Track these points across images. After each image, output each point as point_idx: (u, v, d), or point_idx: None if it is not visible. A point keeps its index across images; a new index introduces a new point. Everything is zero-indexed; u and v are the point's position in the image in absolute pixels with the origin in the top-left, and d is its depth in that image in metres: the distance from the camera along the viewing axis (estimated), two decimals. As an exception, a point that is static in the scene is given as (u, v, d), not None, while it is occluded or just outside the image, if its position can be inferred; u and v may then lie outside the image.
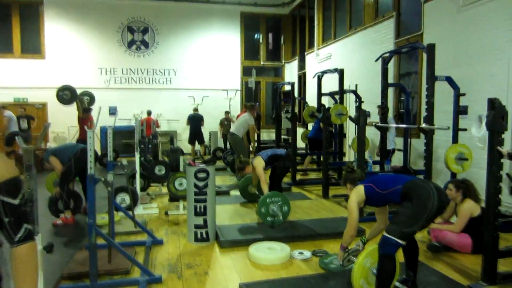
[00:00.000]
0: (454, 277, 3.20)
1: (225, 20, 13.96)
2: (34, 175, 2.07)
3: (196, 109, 11.97)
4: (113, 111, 12.69)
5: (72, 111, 10.49)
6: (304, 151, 10.63)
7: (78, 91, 12.51)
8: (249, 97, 14.21)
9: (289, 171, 5.32)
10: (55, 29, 12.61)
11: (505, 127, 3.01)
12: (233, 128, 8.10)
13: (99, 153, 11.38)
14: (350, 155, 9.23)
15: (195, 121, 11.41)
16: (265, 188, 5.11)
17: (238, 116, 9.85)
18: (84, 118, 9.13)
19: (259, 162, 5.26)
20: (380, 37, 8.19)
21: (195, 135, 11.40)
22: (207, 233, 4.13)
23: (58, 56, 12.66)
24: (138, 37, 13.41)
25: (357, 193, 2.88)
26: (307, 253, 3.73)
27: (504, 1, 5.16)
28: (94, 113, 9.32)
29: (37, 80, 12.42)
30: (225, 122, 11.88)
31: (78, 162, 4.90)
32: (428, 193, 2.49)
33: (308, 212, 5.37)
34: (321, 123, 7.65)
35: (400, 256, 2.81)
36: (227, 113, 12.32)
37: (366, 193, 2.83)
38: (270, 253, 3.63)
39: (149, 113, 11.90)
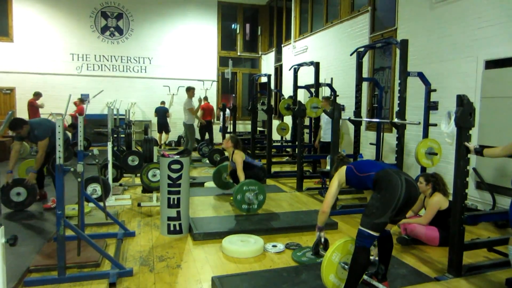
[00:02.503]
0: (422, 269, 3.29)
1: (202, 9, 13.76)
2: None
3: (163, 102, 12.80)
4: (85, 99, 12.35)
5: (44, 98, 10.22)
6: (279, 143, 10.70)
7: (48, 77, 12.17)
8: (226, 88, 14.15)
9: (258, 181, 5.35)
10: (24, 11, 12.09)
11: (473, 124, 3.10)
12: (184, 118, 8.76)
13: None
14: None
15: (161, 113, 12.47)
16: (241, 176, 5.16)
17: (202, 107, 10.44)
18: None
19: (241, 155, 5.36)
20: (356, 31, 8.27)
21: (162, 125, 12.46)
22: (180, 225, 4.09)
23: (27, 40, 12.17)
24: (112, 23, 13.04)
25: (340, 172, 3.00)
26: (281, 246, 3.75)
27: (474, 0, 5.30)
28: (64, 101, 9.05)
29: (4, 64, 11.92)
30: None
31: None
32: (396, 184, 2.54)
33: (282, 205, 5.40)
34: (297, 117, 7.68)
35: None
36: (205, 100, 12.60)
37: (346, 174, 2.94)
38: (244, 246, 3.63)
39: (82, 100, 11.48)
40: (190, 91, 8.82)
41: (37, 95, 10.37)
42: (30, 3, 12.12)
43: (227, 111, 11.70)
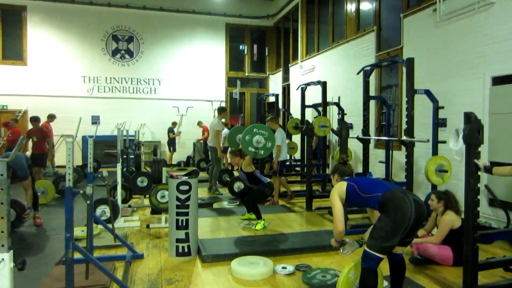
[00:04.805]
0: (435, 291, 3.22)
1: (210, 31, 14.01)
2: (7, 188, 2.00)
3: (172, 123, 13.04)
4: (95, 120, 12.55)
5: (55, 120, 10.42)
6: (288, 163, 10.66)
7: (60, 99, 12.43)
8: (234, 108, 14.24)
9: (264, 199, 5.34)
10: (38, 35, 12.43)
11: (481, 141, 3.06)
12: (209, 141, 7.98)
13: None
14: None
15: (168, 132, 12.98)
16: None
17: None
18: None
19: (248, 159, 5.27)
20: (362, 50, 8.32)
21: (168, 144, 12.89)
22: (188, 247, 4.06)
23: (40, 63, 12.45)
24: (122, 46, 13.32)
25: (339, 188, 2.85)
26: (290, 268, 3.69)
27: (479, 18, 5.33)
28: (75, 123, 9.18)
29: (18, 87, 12.18)
30: None
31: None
32: (405, 206, 2.49)
33: (292, 225, 5.35)
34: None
35: (385, 269, 2.82)
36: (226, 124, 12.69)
37: (347, 191, 2.81)
38: (253, 268, 3.58)
39: (16, 120, 10.20)
40: (222, 113, 7.97)
41: (51, 117, 10.47)
42: (44, 28, 12.47)
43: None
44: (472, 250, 3.04)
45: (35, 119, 8.32)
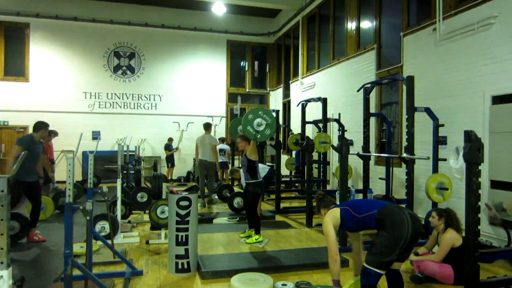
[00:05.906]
0: (437, 310, 3.18)
1: (211, 48, 14.18)
2: (7, 204, 2.00)
3: (170, 139, 13.13)
4: (96, 136, 12.59)
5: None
6: (288, 179, 10.66)
7: (61, 115, 12.48)
8: (234, 123, 14.28)
9: (259, 198, 5.40)
10: (40, 52, 12.56)
11: (482, 159, 3.08)
12: (202, 155, 8.01)
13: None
14: (333, 183, 9.28)
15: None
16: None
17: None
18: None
19: (252, 145, 5.22)
20: (362, 68, 8.41)
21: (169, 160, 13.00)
22: (188, 263, 4.03)
23: (42, 80, 12.55)
24: (124, 62, 13.45)
25: (332, 215, 2.85)
26: (290, 285, 3.66)
27: (479, 38, 5.40)
28: (76, 138, 9.20)
29: (19, 103, 12.24)
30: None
31: None
32: (402, 221, 2.51)
33: (292, 242, 5.32)
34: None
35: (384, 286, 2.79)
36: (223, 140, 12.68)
37: (342, 217, 2.82)
38: (253, 285, 3.55)
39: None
40: (209, 128, 8.17)
41: (54, 133, 10.45)
42: (47, 44, 12.62)
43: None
44: (473, 269, 3.03)
45: (55, 134, 8.27)
